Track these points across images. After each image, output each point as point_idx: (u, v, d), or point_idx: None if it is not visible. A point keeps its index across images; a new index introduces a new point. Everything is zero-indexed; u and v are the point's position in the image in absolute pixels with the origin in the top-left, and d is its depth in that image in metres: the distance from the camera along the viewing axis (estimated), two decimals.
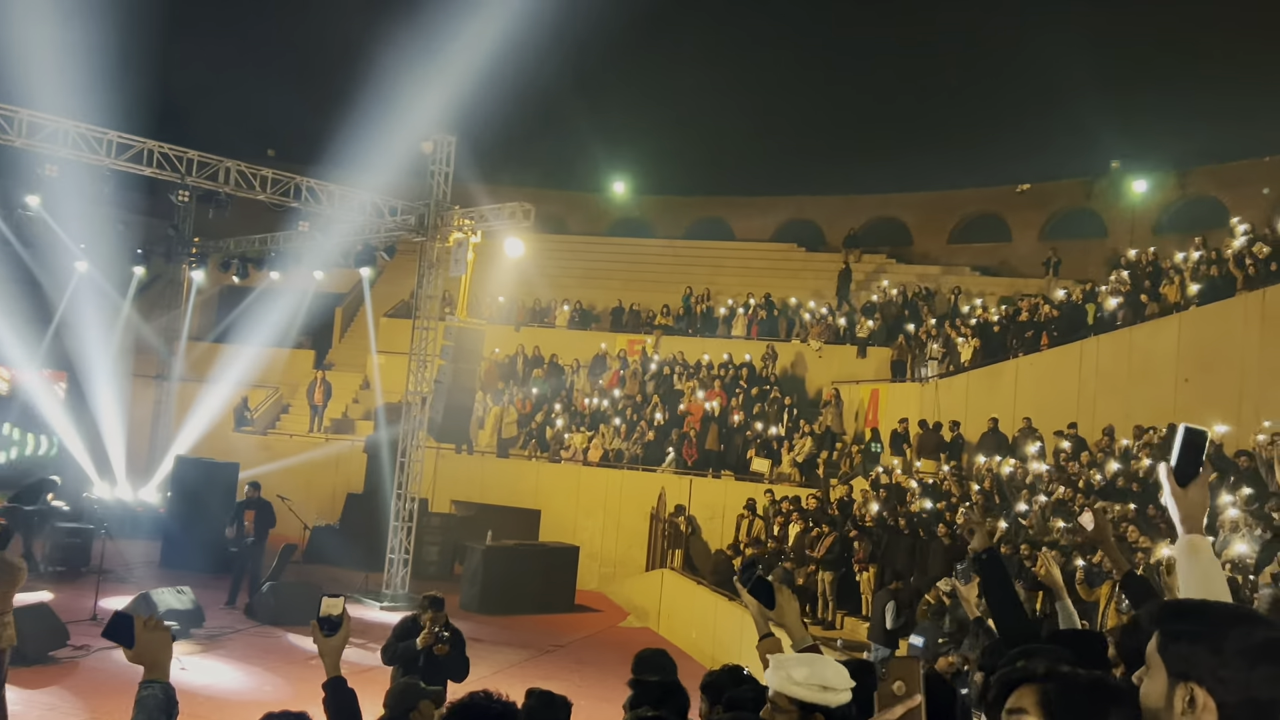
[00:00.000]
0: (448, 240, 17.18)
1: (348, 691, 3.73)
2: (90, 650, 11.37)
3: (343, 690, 3.71)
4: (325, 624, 3.70)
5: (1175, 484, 2.41)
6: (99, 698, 10.20)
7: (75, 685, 9.56)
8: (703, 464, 19.94)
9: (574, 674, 12.86)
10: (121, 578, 15.93)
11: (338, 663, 3.73)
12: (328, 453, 22.51)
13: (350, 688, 3.76)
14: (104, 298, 22.83)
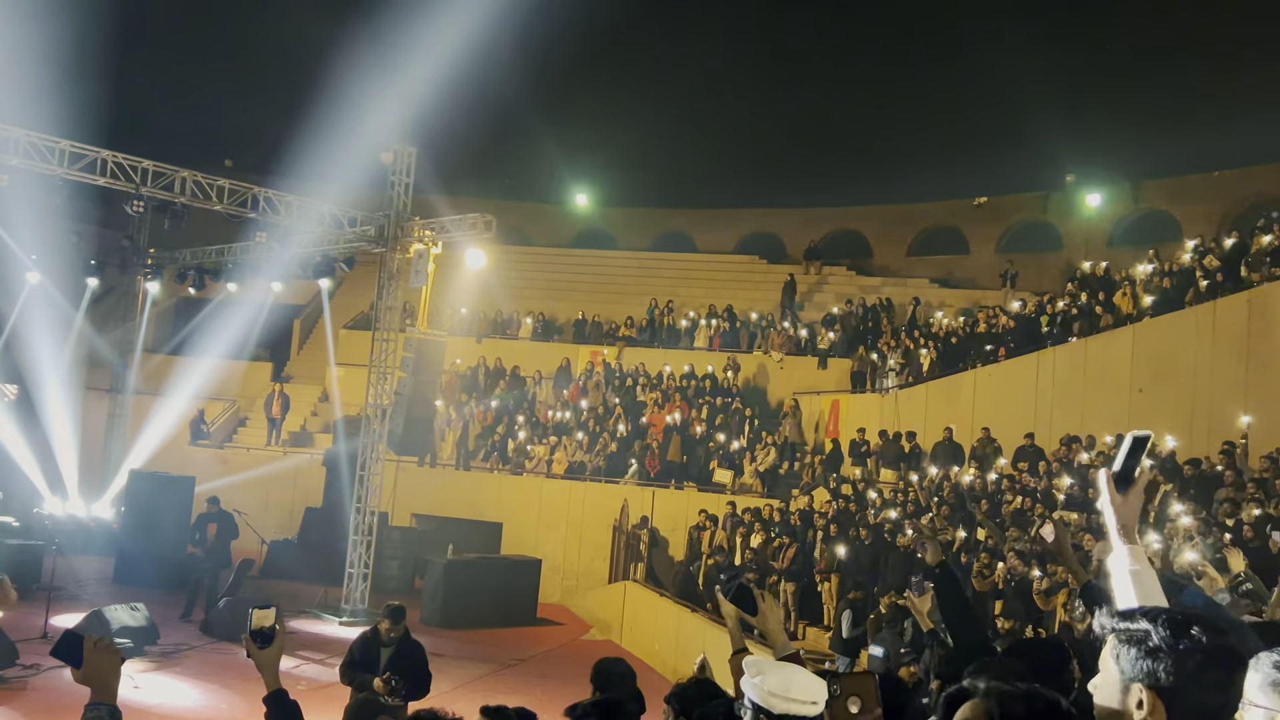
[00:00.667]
0: (408, 251, 17.07)
1: (290, 704, 3.64)
2: (40, 670, 11.12)
3: (285, 703, 3.62)
4: (258, 636, 3.61)
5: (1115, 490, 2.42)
6: (48, 717, 9.97)
7: (24, 705, 9.34)
8: (665, 475, 19.94)
9: (536, 688, 12.77)
10: (73, 595, 15.60)
11: (277, 676, 3.65)
12: (286, 466, 22.23)
13: (293, 700, 3.66)
14: (56, 309, 22.39)
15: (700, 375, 22.68)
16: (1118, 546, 2.38)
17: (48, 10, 17.92)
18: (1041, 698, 1.76)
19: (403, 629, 7.77)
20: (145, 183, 15.81)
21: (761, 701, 2.83)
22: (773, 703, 2.81)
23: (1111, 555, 2.41)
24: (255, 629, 3.61)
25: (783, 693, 2.82)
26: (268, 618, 3.64)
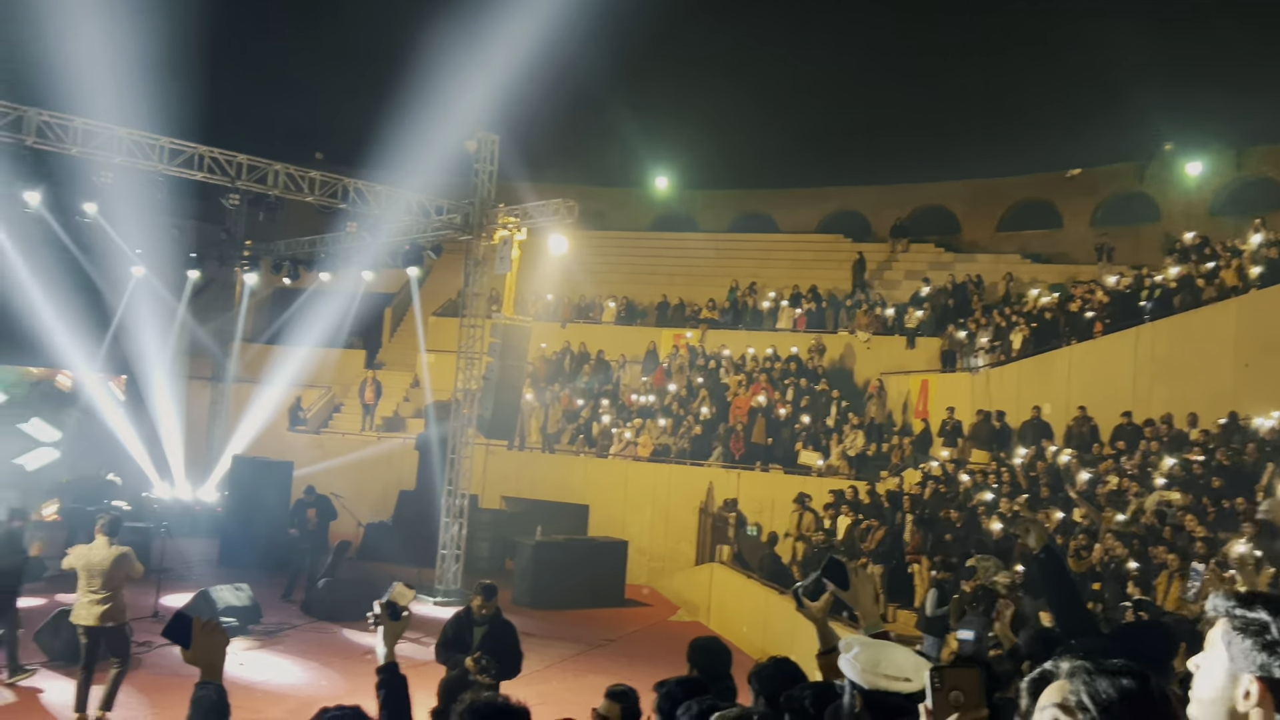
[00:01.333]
0: (493, 238, 17.30)
1: (400, 677, 3.81)
2: (151, 647, 11.62)
3: (396, 675, 3.80)
4: (391, 609, 3.83)
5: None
6: (158, 694, 10.43)
7: (136, 681, 9.79)
8: (750, 458, 19.88)
9: (625, 668, 12.89)
10: (181, 576, 16.29)
11: (393, 650, 3.82)
12: (379, 451, 22.80)
13: (402, 674, 3.83)
14: (160, 302, 23.31)
15: (784, 357, 22.51)
16: None
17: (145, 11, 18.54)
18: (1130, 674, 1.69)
19: (494, 607, 7.91)
20: (240, 176, 16.32)
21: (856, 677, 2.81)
22: (866, 678, 2.79)
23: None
24: (391, 601, 3.82)
25: (873, 668, 2.79)
26: (405, 596, 3.88)
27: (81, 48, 16.85)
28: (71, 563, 9.36)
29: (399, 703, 3.75)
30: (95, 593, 9.20)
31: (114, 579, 9.28)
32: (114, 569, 9.26)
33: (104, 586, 9.22)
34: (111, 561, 9.25)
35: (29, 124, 14.33)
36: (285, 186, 16.77)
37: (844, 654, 2.88)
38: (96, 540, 9.43)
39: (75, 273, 21.91)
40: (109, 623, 9.24)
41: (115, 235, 21.43)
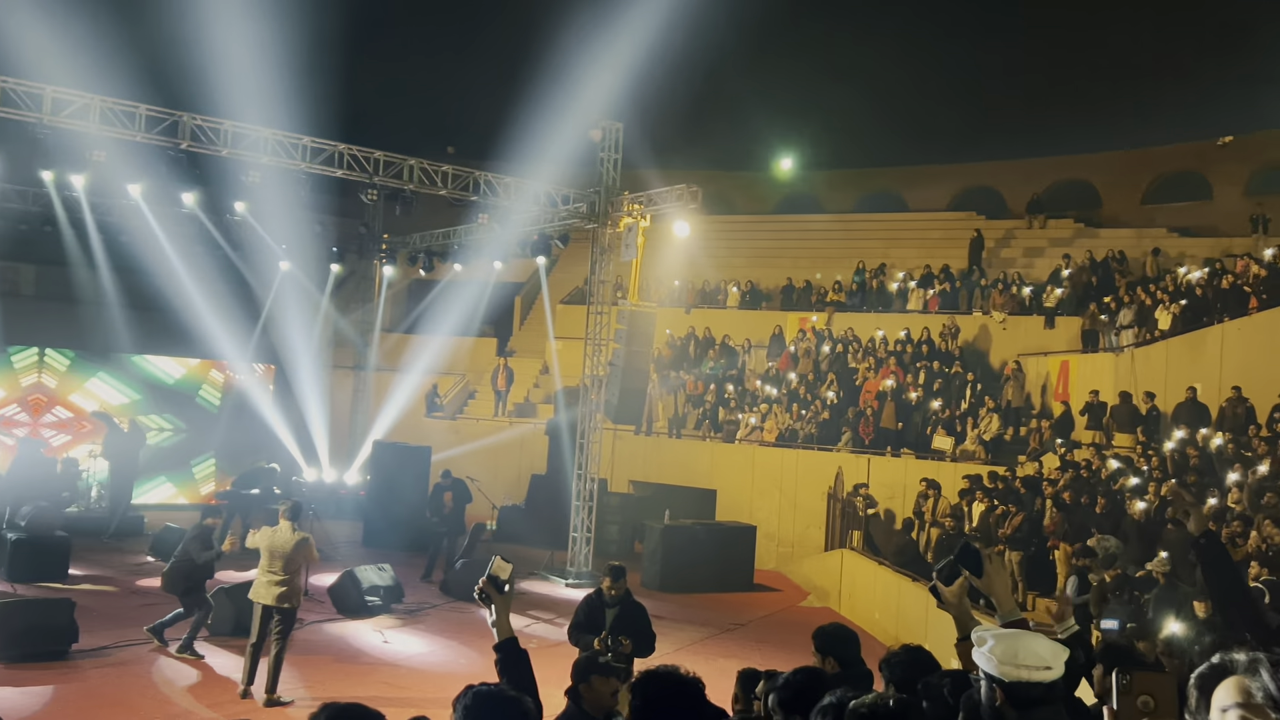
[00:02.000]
0: (618, 226, 17.49)
1: (520, 652, 3.85)
2: (303, 624, 12.25)
3: (515, 651, 3.84)
4: (495, 582, 3.87)
5: None
6: (310, 669, 11.00)
7: (290, 656, 10.34)
8: (880, 443, 19.57)
9: (755, 652, 12.93)
10: (329, 556, 17.01)
11: (508, 626, 3.88)
12: (512, 436, 23.38)
13: (523, 649, 3.89)
14: (305, 294, 24.45)
15: (915, 339, 22.04)
16: None
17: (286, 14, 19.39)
18: None
19: (624, 589, 8.04)
20: (378, 172, 16.96)
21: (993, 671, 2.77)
22: (1001, 671, 2.74)
23: None
24: (493, 575, 3.89)
25: (1011, 660, 2.74)
26: (504, 570, 3.93)
27: (228, 52, 17.73)
28: (256, 543, 9.99)
29: (520, 677, 3.76)
30: (275, 574, 9.79)
31: (293, 562, 9.86)
32: (294, 552, 9.85)
33: (284, 569, 9.79)
34: (293, 545, 9.85)
35: (183, 128, 15.21)
36: (419, 181, 17.35)
37: (977, 648, 2.85)
38: (280, 524, 10.05)
39: (227, 269, 23.18)
40: (284, 604, 9.82)
41: (263, 232, 22.58)
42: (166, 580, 11.39)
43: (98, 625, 11.72)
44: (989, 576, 3.58)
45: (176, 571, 11.24)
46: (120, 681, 10.26)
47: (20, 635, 10.47)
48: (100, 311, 21.82)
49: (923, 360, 21.35)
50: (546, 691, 3.98)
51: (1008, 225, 27.21)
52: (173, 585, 11.31)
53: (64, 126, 14.41)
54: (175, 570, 11.27)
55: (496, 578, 3.89)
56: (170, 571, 11.35)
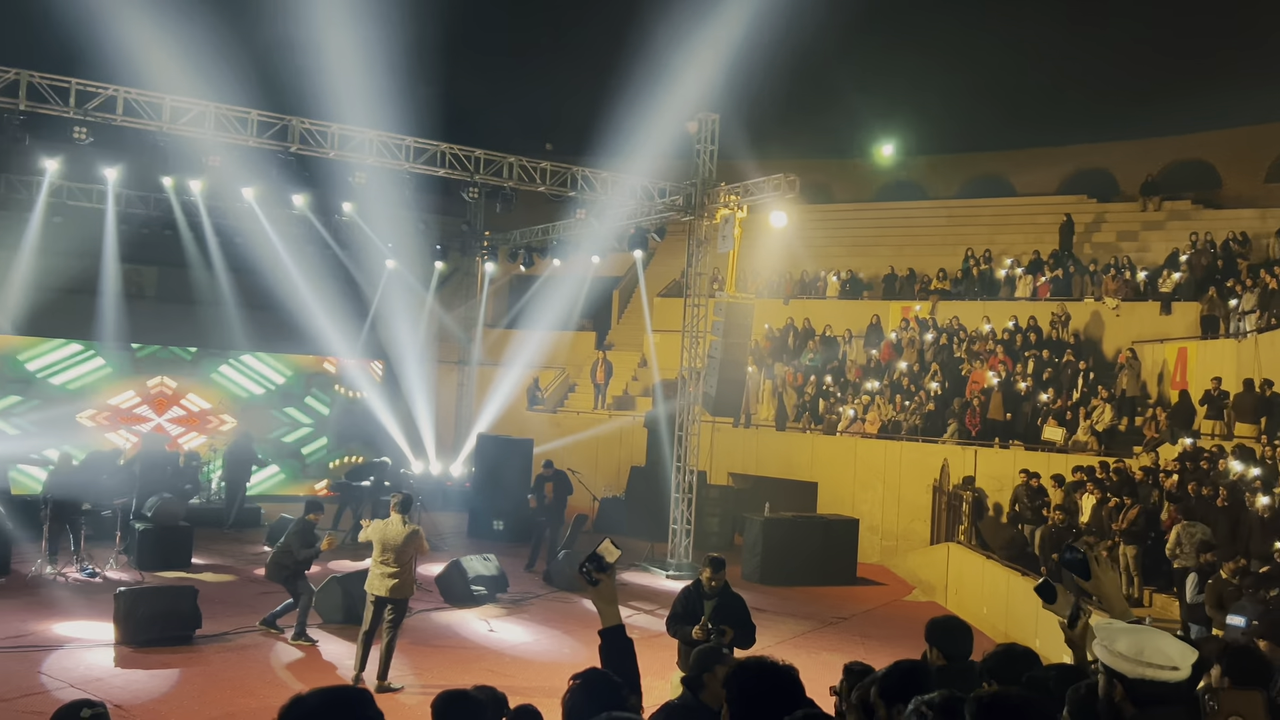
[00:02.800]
0: (714, 217, 17.44)
1: (625, 640, 3.86)
2: (412, 612, 12.57)
3: (620, 638, 3.85)
4: (597, 562, 3.85)
5: None
6: (419, 656, 11.29)
7: (399, 644, 10.63)
8: (988, 434, 19.08)
9: (859, 646, 12.77)
10: (436, 546, 17.48)
11: (615, 612, 3.88)
12: (611, 428, 23.57)
13: (628, 638, 3.90)
14: (410, 291, 25.10)
15: (1024, 327, 21.40)
16: None
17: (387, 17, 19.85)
18: None
19: (723, 580, 8.02)
20: (478, 170, 17.27)
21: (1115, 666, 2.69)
22: (1125, 667, 2.66)
23: None
24: (598, 554, 3.86)
25: (1135, 656, 2.65)
26: (612, 554, 3.90)
27: (334, 56, 18.26)
28: (368, 535, 10.29)
29: (623, 665, 3.77)
30: (388, 565, 10.06)
31: (405, 554, 10.11)
32: (406, 544, 10.10)
33: (395, 560, 10.06)
34: (404, 538, 10.10)
35: (292, 132, 15.73)
36: (519, 178, 17.61)
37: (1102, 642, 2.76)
38: (391, 517, 10.30)
39: (336, 268, 23.93)
40: (397, 595, 10.09)
41: (370, 231, 23.24)
42: (269, 570, 11.85)
43: (219, 611, 12.25)
44: (1097, 579, 3.47)
45: (277, 563, 11.68)
46: (240, 666, 10.70)
47: (148, 621, 11.01)
48: (218, 311, 22.77)
49: (1031, 349, 20.73)
50: (647, 682, 4.00)
51: (1121, 208, 26.22)
52: (275, 575, 11.76)
53: (181, 134, 15.05)
54: (276, 561, 11.71)
55: (602, 558, 3.87)
56: (272, 562, 11.81)
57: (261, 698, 9.63)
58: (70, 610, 12.23)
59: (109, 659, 10.55)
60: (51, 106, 14.07)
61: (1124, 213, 25.88)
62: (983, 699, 2.70)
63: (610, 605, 3.86)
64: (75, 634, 11.25)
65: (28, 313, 20.83)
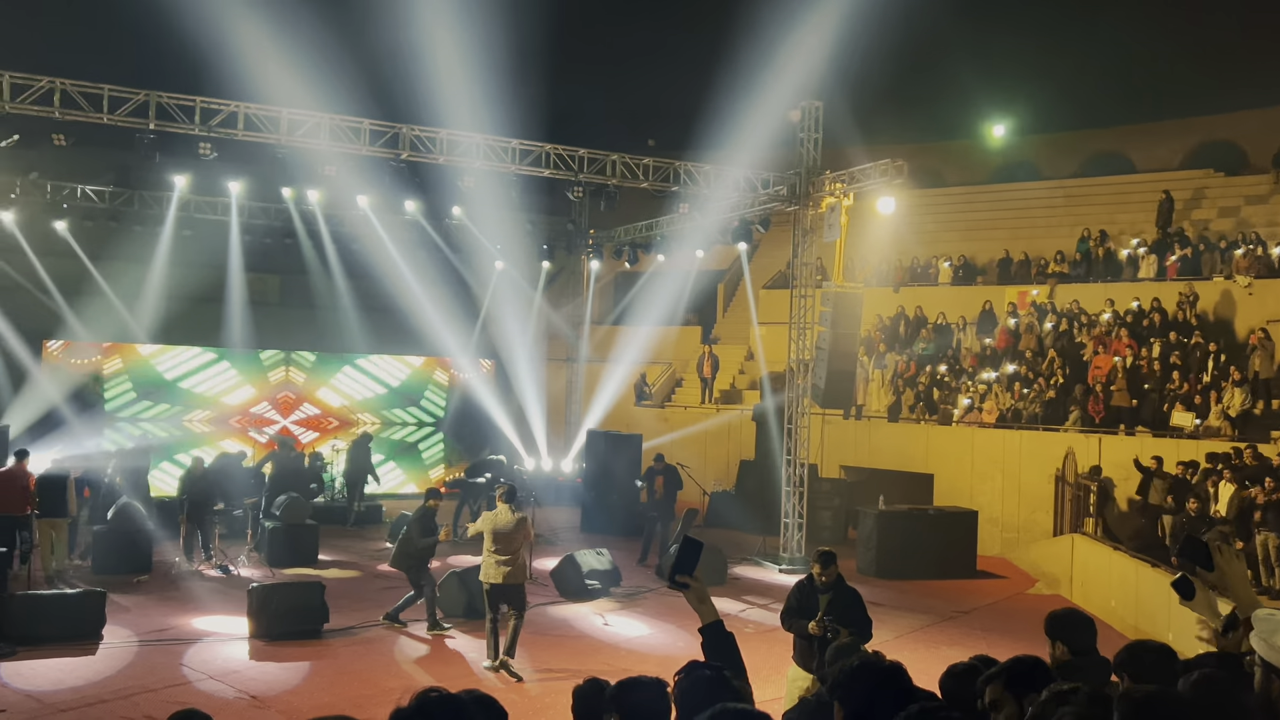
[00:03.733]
0: (820, 206, 17.22)
1: (726, 635, 3.90)
2: (528, 606, 12.78)
3: (721, 634, 3.89)
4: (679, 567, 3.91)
5: None
6: (536, 649, 11.47)
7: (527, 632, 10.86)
8: (1112, 421, 18.36)
9: (981, 640, 12.46)
10: (550, 541, 17.80)
11: (711, 608, 3.94)
12: (719, 422, 23.53)
13: (729, 632, 3.93)
14: (519, 291, 25.54)
15: (1148, 309, 20.51)
16: None
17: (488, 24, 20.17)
18: None
19: (835, 574, 7.93)
20: (582, 169, 17.43)
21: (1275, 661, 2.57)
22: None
23: None
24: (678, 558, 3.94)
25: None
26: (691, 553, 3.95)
27: (440, 63, 18.66)
28: (478, 528, 10.67)
29: (727, 659, 3.79)
30: (500, 554, 10.42)
31: (514, 541, 10.46)
32: (514, 532, 10.46)
33: (506, 549, 10.41)
34: (513, 525, 10.46)
35: (403, 139, 16.16)
36: (622, 175, 17.71)
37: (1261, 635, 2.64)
38: (499, 508, 10.67)
39: (447, 270, 24.51)
40: (511, 581, 10.44)
41: (478, 234, 23.74)
42: (395, 559, 12.33)
43: (344, 606, 12.69)
44: (1220, 570, 3.31)
45: (401, 552, 12.10)
46: (367, 658, 11.07)
47: (280, 615, 11.48)
48: (337, 315, 23.58)
49: (1157, 332, 19.86)
50: (764, 676, 3.99)
51: (1250, 181, 24.87)
52: (399, 563, 12.21)
53: (298, 145, 15.62)
54: (400, 551, 12.13)
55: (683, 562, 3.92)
56: (396, 552, 12.26)
57: (387, 689, 9.94)
58: (207, 605, 12.84)
59: (244, 652, 11.05)
60: (178, 125, 14.76)
61: (1254, 186, 24.54)
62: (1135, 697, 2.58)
63: (705, 604, 3.92)
64: (213, 628, 11.81)
65: (161, 322, 21.94)
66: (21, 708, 9.05)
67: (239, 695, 9.59)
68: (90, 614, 11.29)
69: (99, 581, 13.01)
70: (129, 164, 18.07)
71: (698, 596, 3.91)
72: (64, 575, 13.75)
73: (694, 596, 3.92)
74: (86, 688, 9.66)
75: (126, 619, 11.95)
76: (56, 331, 21.22)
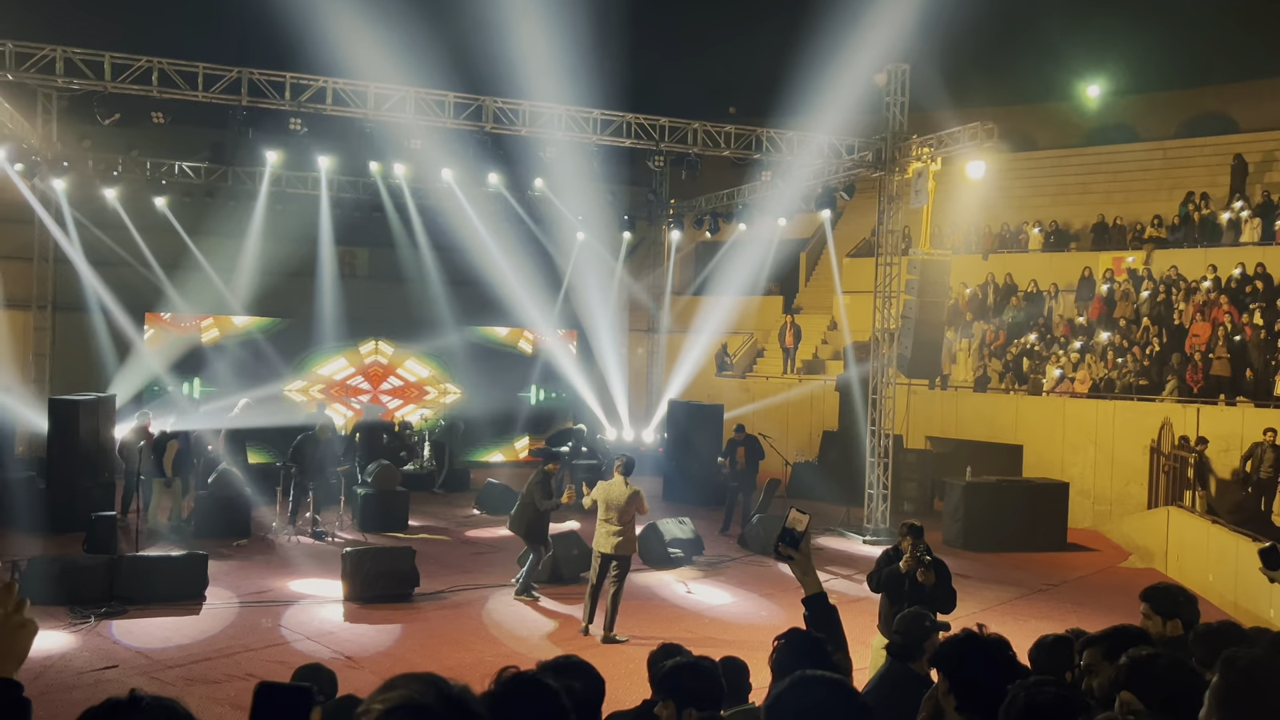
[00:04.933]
0: (906, 172, 16.88)
1: (829, 607, 3.91)
2: None
3: (825, 605, 3.90)
4: (786, 536, 3.88)
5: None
6: (621, 615, 11.59)
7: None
8: (1211, 391, 17.73)
9: (1071, 614, 12.23)
10: None
11: (815, 579, 3.93)
12: (801, 393, 23.37)
13: (832, 604, 3.94)
14: (601, 262, 25.62)
15: (1251, 274, 19.68)
16: None
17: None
18: None
19: (923, 545, 7.94)
20: (663, 139, 17.35)
21: None
22: None
23: None
24: (788, 528, 3.92)
25: None
26: (800, 522, 3.94)
27: (522, 34, 18.71)
28: (593, 497, 10.86)
29: (830, 631, 3.83)
30: (612, 524, 10.58)
31: (626, 513, 10.62)
32: (628, 505, 10.62)
33: (619, 519, 10.58)
34: (626, 498, 10.62)
35: (486, 112, 16.28)
36: (703, 144, 17.58)
37: None
38: (614, 478, 10.83)
39: (530, 242, 24.70)
40: (621, 552, 10.60)
41: (560, 205, 23.86)
42: (513, 522, 12.42)
43: (434, 571, 13.01)
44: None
45: (520, 516, 12.26)
46: (456, 622, 11.34)
47: (372, 579, 11.83)
48: (424, 288, 23.97)
49: (1260, 298, 19.06)
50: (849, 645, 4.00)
51: None
52: (516, 526, 12.34)
53: (385, 120, 15.86)
54: (519, 514, 12.28)
55: (792, 531, 3.91)
56: (516, 514, 12.38)
57: (477, 652, 10.19)
58: (303, 569, 13.29)
59: (338, 614, 11.42)
60: (269, 101, 15.11)
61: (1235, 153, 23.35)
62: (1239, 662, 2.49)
63: (809, 575, 3.93)
64: (308, 590, 12.22)
65: (255, 295, 22.59)
66: (132, 663, 9.52)
67: (334, 655, 9.92)
68: (194, 576, 11.79)
69: (200, 545, 13.56)
70: (223, 140, 18.60)
71: (802, 569, 3.92)
72: (163, 533, 14.44)
73: (798, 568, 3.93)
74: (191, 645, 10.10)
75: (227, 581, 12.44)
76: (158, 304, 22.02)
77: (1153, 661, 2.88)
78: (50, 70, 14.11)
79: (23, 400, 19.60)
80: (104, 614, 10.77)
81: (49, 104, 18.78)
